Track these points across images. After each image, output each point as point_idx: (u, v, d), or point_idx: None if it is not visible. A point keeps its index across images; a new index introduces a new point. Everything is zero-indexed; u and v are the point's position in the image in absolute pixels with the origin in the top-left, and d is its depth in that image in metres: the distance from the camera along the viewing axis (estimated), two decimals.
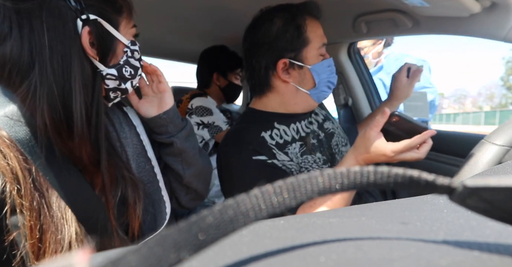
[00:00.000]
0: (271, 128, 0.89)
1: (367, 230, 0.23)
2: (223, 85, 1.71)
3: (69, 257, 0.12)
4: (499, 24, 0.79)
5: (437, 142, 1.33)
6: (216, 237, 0.15)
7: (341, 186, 0.17)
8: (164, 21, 1.47)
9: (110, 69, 0.57)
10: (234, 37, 1.76)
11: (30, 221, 0.49)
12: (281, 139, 0.89)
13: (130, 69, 0.60)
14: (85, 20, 0.51)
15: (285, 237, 0.22)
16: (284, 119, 0.92)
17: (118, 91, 0.61)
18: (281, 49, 0.87)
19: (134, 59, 0.61)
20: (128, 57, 0.60)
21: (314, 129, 0.98)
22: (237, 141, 0.87)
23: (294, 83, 0.90)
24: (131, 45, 0.60)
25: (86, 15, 0.51)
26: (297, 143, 0.90)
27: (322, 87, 0.90)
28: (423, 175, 0.18)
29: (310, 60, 0.88)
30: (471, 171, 0.64)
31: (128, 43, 0.60)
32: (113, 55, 0.57)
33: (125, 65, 0.59)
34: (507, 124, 0.68)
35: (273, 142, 0.87)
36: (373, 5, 1.06)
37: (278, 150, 0.86)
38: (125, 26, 0.59)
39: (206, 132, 1.51)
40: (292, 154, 0.88)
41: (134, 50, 0.61)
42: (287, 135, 0.90)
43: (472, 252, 0.18)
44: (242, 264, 0.18)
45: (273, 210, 0.16)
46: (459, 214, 0.26)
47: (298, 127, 0.94)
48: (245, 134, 0.89)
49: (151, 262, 0.13)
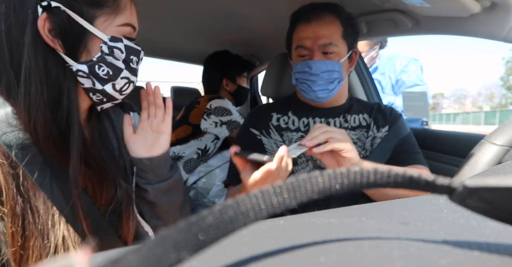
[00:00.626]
0: (284, 113, 1.02)
1: (367, 230, 0.23)
2: (232, 89, 1.72)
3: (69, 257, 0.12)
4: (499, 24, 0.79)
5: (437, 142, 1.33)
6: (216, 237, 0.15)
7: (341, 186, 0.17)
8: (169, 22, 1.48)
9: (80, 65, 0.52)
10: (239, 39, 1.76)
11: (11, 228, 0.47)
12: (286, 125, 1.00)
13: (107, 68, 0.54)
14: (45, 7, 0.48)
15: (285, 237, 0.22)
16: (301, 110, 1.02)
17: (98, 94, 0.56)
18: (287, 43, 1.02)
19: (114, 58, 0.55)
20: (105, 54, 0.53)
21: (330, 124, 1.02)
22: (250, 114, 1.08)
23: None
24: (111, 42, 0.54)
25: (47, 1, 0.48)
26: (298, 133, 0.98)
27: (299, 85, 0.97)
28: (423, 175, 0.18)
29: (293, 59, 1.00)
30: (471, 171, 0.64)
31: (107, 39, 0.53)
32: (84, 49, 0.53)
33: (99, 62, 0.53)
34: (507, 124, 0.68)
35: (276, 124, 1.00)
36: (373, 5, 1.06)
37: (275, 131, 0.99)
38: (106, 21, 0.54)
39: (224, 129, 1.51)
40: (287, 138, 0.97)
41: (115, 48, 0.54)
42: (293, 124, 1.00)
43: (472, 252, 0.18)
44: (242, 264, 0.18)
45: (273, 210, 0.16)
46: (459, 214, 0.26)
47: (310, 122, 1.00)
48: (260, 109, 1.08)
49: (151, 262, 0.13)
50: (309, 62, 0.92)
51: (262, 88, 1.36)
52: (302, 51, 0.94)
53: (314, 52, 0.92)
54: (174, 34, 1.72)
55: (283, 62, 1.25)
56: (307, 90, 0.95)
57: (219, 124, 1.52)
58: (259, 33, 1.64)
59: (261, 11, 1.30)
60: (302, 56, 0.94)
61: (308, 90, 0.94)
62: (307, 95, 0.96)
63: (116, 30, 0.55)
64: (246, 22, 1.47)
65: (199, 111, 1.54)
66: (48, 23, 0.49)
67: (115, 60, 0.55)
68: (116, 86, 0.57)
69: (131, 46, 0.57)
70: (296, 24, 0.96)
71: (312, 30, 0.92)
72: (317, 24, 0.92)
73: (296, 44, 0.95)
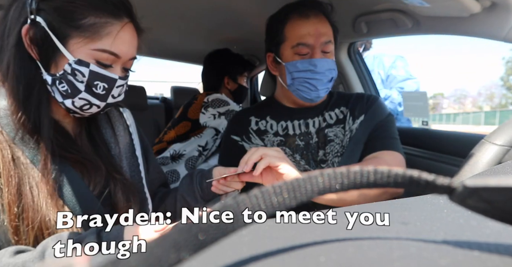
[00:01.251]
0: (262, 117, 0.99)
1: (367, 230, 0.23)
2: (233, 88, 1.72)
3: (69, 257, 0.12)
4: (499, 24, 0.79)
5: (437, 142, 1.33)
6: (216, 237, 0.15)
7: (341, 186, 0.17)
8: (169, 21, 1.48)
9: (47, 75, 0.57)
10: (239, 38, 1.76)
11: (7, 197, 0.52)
12: (264, 127, 0.98)
13: (67, 86, 0.57)
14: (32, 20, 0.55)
15: (285, 237, 0.22)
16: (279, 114, 0.98)
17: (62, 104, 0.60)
18: (268, 43, 0.97)
19: (75, 80, 0.57)
20: (67, 73, 0.56)
21: (310, 131, 0.97)
22: (231, 121, 1.05)
23: (278, 77, 0.97)
24: (75, 64, 0.56)
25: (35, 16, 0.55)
26: (277, 137, 0.96)
27: (297, 85, 0.91)
28: (423, 175, 0.18)
29: (285, 57, 0.92)
30: (471, 171, 0.63)
31: (72, 61, 0.56)
32: (54, 64, 0.57)
33: (61, 79, 0.57)
34: (507, 124, 0.68)
35: (255, 128, 0.98)
36: (373, 5, 1.06)
37: (255, 135, 0.97)
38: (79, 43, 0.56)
39: (223, 120, 1.51)
40: (268, 142, 0.96)
41: (77, 70, 0.56)
42: (271, 129, 0.98)
43: (472, 252, 0.18)
44: (242, 264, 0.18)
45: (273, 210, 0.16)
46: (459, 214, 0.26)
47: (289, 126, 0.97)
48: (240, 114, 1.04)
49: (151, 262, 0.13)
50: (314, 60, 0.88)
51: (261, 88, 1.36)
52: (303, 49, 0.88)
53: (315, 50, 0.88)
54: (174, 34, 1.72)
55: None
56: (309, 90, 0.90)
57: (218, 116, 1.51)
58: (259, 33, 1.64)
59: (261, 11, 1.30)
60: (302, 54, 0.89)
61: (310, 90, 0.90)
62: (307, 95, 0.91)
63: (89, 53, 0.57)
64: (246, 22, 1.47)
65: (197, 105, 1.54)
66: (30, 33, 0.56)
67: (75, 81, 0.57)
68: (75, 104, 0.59)
69: (100, 73, 0.58)
70: (290, 19, 0.90)
71: (314, 27, 0.87)
72: (316, 20, 0.88)
73: (296, 42, 0.88)
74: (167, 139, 1.56)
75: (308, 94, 0.91)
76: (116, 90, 0.61)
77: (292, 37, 0.89)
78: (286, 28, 0.90)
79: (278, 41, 0.92)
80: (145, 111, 2.14)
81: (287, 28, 0.90)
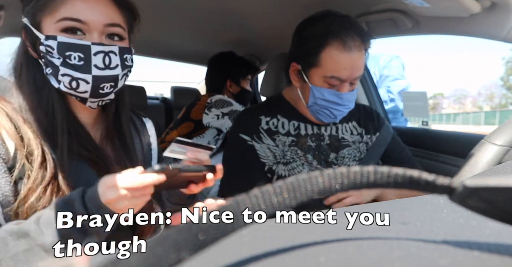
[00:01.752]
0: (272, 116, 0.96)
1: (367, 230, 0.23)
2: (235, 91, 1.71)
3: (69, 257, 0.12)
4: (499, 24, 0.79)
5: (437, 142, 1.33)
6: (216, 237, 0.15)
7: (341, 186, 0.17)
8: (169, 22, 1.48)
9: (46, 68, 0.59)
10: (239, 39, 1.76)
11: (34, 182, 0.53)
12: (275, 128, 0.95)
13: (50, 67, 0.57)
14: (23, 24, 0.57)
15: (285, 237, 0.22)
16: (291, 113, 0.97)
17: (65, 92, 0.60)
18: (298, 53, 0.90)
19: (52, 57, 0.56)
20: (44, 53, 0.56)
21: (322, 133, 0.97)
22: (238, 119, 1.02)
23: (298, 89, 0.93)
24: (45, 40, 0.55)
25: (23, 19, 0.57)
26: (289, 137, 0.94)
27: (317, 109, 0.90)
28: (423, 175, 0.18)
29: (313, 80, 0.88)
30: (471, 171, 0.63)
31: (43, 39, 0.55)
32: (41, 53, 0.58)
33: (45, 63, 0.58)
34: (507, 124, 0.68)
35: (265, 127, 0.94)
36: (373, 5, 1.06)
37: (266, 135, 0.94)
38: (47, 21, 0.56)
39: (226, 120, 1.51)
40: (280, 142, 0.93)
41: (48, 47, 0.55)
42: (283, 128, 0.95)
43: (472, 252, 0.18)
44: (242, 264, 0.18)
45: (273, 210, 0.16)
46: (459, 214, 0.26)
47: (301, 125, 0.96)
48: (247, 112, 1.01)
49: (151, 262, 0.13)
50: (342, 94, 0.85)
51: (262, 88, 1.36)
52: (335, 82, 0.85)
53: (345, 83, 0.86)
54: (174, 34, 1.72)
55: (282, 62, 1.25)
56: (327, 116, 0.91)
57: (221, 116, 1.51)
58: (259, 33, 1.64)
59: (261, 11, 1.30)
60: (331, 85, 0.86)
61: (329, 116, 0.91)
62: (323, 118, 0.92)
63: (54, 27, 0.56)
64: (246, 22, 1.47)
65: (200, 106, 1.55)
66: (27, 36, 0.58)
67: (52, 58, 0.56)
68: (65, 84, 0.57)
69: (67, 42, 0.56)
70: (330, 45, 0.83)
71: (352, 61, 0.83)
72: (356, 53, 0.83)
73: (331, 74, 0.84)
74: (169, 139, 1.56)
75: (325, 118, 0.92)
76: (97, 58, 0.57)
77: (328, 67, 0.84)
78: (323, 54, 0.83)
79: (310, 63, 0.86)
80: (145, 111, 2.14)
81: (325, 55, 0.83)
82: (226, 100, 1.55)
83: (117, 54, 0.59)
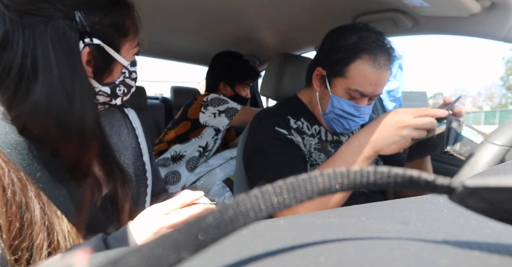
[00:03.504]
0: (298, 118, 0.97)
1: (367, 230, 0.23)
2: (229, 95, 1.68)
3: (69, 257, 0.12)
4: (499, 24, 0.79)
5: None
6: (216, 237, 0.15)
7: (341, 186, 0.17)
8: (169, 22, 1.48)
9: (104, 87, 0.59)
10: (239, 40, 1.75)
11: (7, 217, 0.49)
12: (302, 129, 0.96)
13: (124, 88, 0.62)
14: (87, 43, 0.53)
15: (285, 237, 0.22)
16: (311, 118, 0.98)
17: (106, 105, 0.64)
18: (327, 60, 0.91)
19: (130, 79, 0.63)
20: (125, 77, 0.61)
21: (341, 139, 1.00)
22: (265, 116, 0.97)
23: (318, 93, 0.95)
24: (131, 66, 0.61)
25: (90, 38, 0.53)
26: (315, 138, 0.95)
27: (333, 117, 0.92)
28: (423, 175, 0.18)
29: (334, 89, 0.90)
30: (471, 171, 0.63)
31: (128, 65, 0.61)
32: (109, 74, 0.59)
33: (120, 84, 0.61)
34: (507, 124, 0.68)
35: (295, 127, 0.95)
36: (373, 5, 1.06)
37: (296, 133, 0.93)
38: (128, 47, 0.60)
39: (223, 118, 1.51)
40: (307, 142, 0.93)
41: (133, 71, 0.62)
42: (308, 129, 0.96)
43: (472, 252, 0.18)
44: (242, 264, 0.18)
45: (273, 210, 0.16)
46: (459, 214, 0.26)
47: (322, 131, 0.98)
48: (272, 111, 0.98)
49: (151, 262, 0.13)
50: (360, 107, 0.88)
51: (262, 88, 1.36)
52: (356, 95, 0.87)
53: (365, 98, 0.88)
54: (174, 34, 1.72)
55: (283, 62, 1.25)
56: (341, 126, 0.93)
57: (218, 114, 1.51)
58: (259, 33, 1.64)
59: (261, 11, 1.30)
60: (352, 97, 0.87)
61: (341, 127, 0.93)
62: (337, 128, 0.94)
63: (132, 52, 0.62)
64: (246, 22, 1.47)
65: (196, 105, 1.54)
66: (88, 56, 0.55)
67: (130, 80, 0.63)
68: (123, 99, 0.65)
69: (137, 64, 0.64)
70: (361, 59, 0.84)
71: (378, 79, 0.85)
72: (384, 72, 0.85)
73: (355, 87, 0.85)
74: (167, 139, 1.56)
75: (338, 128, 0.94)
76: None
77: (354, 79, 0.85)
78: (352, 66, 0.85)
79: (337, 72, 0.88)
80: (145, 111, 2.14)
81: (353, 67, 0.85)
82: (221, 98, 1.55)
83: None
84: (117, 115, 0.72)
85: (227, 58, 1.69)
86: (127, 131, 0.71)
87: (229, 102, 1.54)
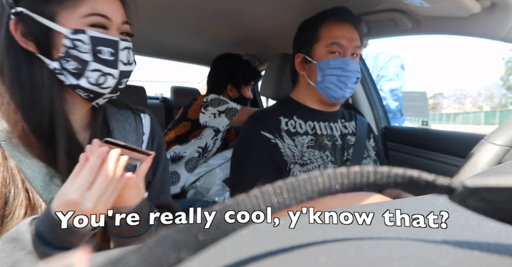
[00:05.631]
0: (290, 117, 1.00)
1: (367, 230, 0.23)
2: (234, 96, 1.70)
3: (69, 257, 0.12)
4: (499, 24, 0.79)
5: (437, 142, 1.33)
6: (216, 237, 0.15)
7: (341, 186, 0.17)
8: (169, 22, 1.47)
9: (53, 62, 0.54)
10: (239, 40, 1.76)
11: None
12: (294, 129, 0.98)
13: (74, 62, 0.54)
14: (15, 14, 0.52)
15: (285, 237, 0.22)
16: (305, 114, 1.01)
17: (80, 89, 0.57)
18: (299, 44, 1.02)
19: (79, 51, 0.54)
20: (69, 48, 0.54)
21: (334, 134, 1.02)
22: (256, 117, 1.01)
23: (306, 76, 1.01)
24: (72, 35, 0.53)
25: (15, 9, 0.52)
26: (308, 136, 0.98)
27: (326, 83, 0.96)
28: (423, 175, 0.18)
29: (317, 56, 0.98)
30: (471, 171, 0.63)
31: (68, 32, 0.53)
32: (53, 47, 0.54)
33: (66, 57, 0.54)
34: (507, 124, 0.68)
35: (285, 128, 0.97)
36: (373, 5, 1.06)
37: (287, 135, 0.96)
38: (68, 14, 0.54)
39: (223, 118, 1.50)
40: (299, 143, 0.96)
41: (76, 40, 0.53)
42: (301, 128, 0.99)
43: (472, 252, 0.18)
44: (242, 264, 0.18)
45: (273, 211, 0.16)
46: (459, 214, 0.26)
47: (316, 126, 1.01)
48: (265, 113, 1.02)
49: (151, 262, 0.13)
50: (345, 59, 0.94)
51: (262, 88, 1.36)
52: (336, 48, 0.95)
53: (347, 52, 0.95)
54: (175, 34, 1.72)
55: (283, 62, 1.25)
56: (337, 88, 0.95)
57: (217, 114, 1.51)
58: (260, 33, 1.64)
59: (261, 11, 1.30)
60: (333, 53, 0.95)
61: (340, 87, 0.95)
62: (334, 93, 0.96)
63: (80, 22, 0.54)
64: (246, 22, 1.47)
65: (196, 106, 1.54)
66: (20, 27, 0.53)
67: (79, 53, 0.54)
68: (90, 80, 0.56)
69: (100, 37, 0.55)
70: (326, 22, 0.97)
71: (348, 31, 0.95)
72: (350, 27, 0.96)
73: (331, 41, 0.95)
74: (167, 139, 1.56)
75: (335, 92, 0.97)
76: (123, 54, 0.58)
77: (327, 37, 0.96)
78: (321, 29, 0.97)
79: (311, 41, 0.98)
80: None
81: (323, 30, 0.97)
82: (221, 98, 1.55)
83: (132, 51, 0.60)
84: (130, 120, 0.69)
85: (232, 60, 1.70)
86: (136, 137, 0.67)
87: (228, 102, 1.54)
